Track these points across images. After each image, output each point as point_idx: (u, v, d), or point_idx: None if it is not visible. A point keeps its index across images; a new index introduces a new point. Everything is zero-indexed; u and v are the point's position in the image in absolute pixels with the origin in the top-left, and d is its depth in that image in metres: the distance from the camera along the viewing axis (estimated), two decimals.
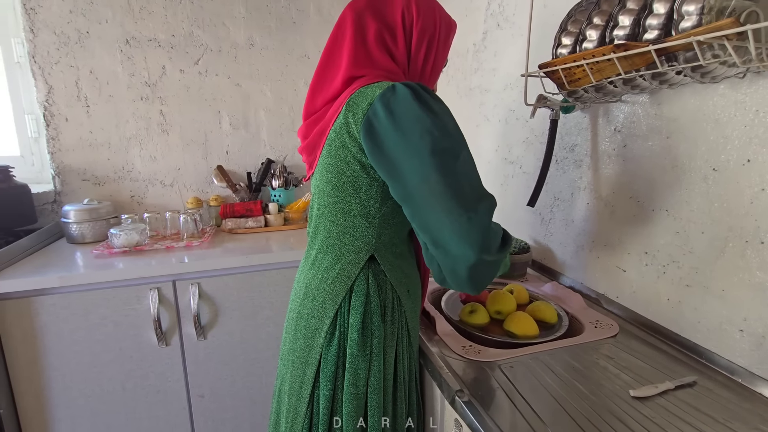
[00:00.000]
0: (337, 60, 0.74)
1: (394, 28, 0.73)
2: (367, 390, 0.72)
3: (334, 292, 0.73)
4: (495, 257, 0.63)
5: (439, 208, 0.61)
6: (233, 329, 1.31)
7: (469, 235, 0.60)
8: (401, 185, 0.64)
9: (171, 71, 1.61)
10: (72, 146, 1.54)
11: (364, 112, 0.64)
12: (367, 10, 0.73)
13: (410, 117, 0.62)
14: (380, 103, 0.63)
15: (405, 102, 0.63)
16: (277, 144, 1.79)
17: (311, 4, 1.74)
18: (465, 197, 0.61)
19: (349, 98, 0.68)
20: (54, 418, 1.19)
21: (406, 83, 0.65)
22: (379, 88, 0.65)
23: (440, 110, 0.64)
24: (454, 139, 0.63)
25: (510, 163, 1.33)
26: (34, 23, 1.44)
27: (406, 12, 0.72)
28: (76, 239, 1.42)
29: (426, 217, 0.63)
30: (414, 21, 0.72)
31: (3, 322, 1.11)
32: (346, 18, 0.74)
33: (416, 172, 0.61)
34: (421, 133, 0.61)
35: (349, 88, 0.71)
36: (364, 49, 0.72)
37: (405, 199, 0.65)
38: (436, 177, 0.60)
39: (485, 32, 1.42)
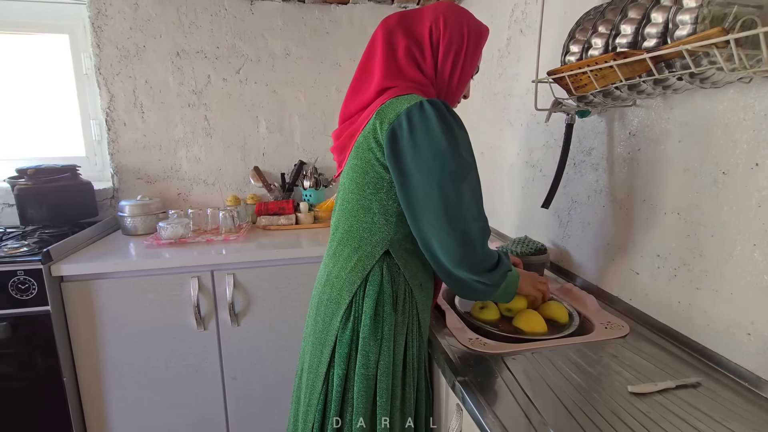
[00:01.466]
0: (370, 72, 0.82)
1: (422, 43, 0.80)
2: (377, 372, 0.78)
3: (351, 281, 0.80)
4: (478, 278, 0.75)
5: (434, 221, 0.71)
6: (264, 317, 1.42)
7: (453, 251, 0.72)
8: (406, 194, 0.73)
9: (215, 80, 1.75)
10: (128, 148, 1.72)
11: (391, 121, 0.73)
12: (398, 27, 0.81)
13: (429, 136, 0.70)
14: (405, 117, 0.71)
15: (428, 121, 0.71)
16: (309, 147, 1.89)
17: (344, 15, 1.83)
18: (459, 218, 0.71)
19: (380, 107, 0.75)
20: (107, 389, 1.34)
21: (433, 102, 0.72)
22: (407, 101, 0.73)
23: (459, 134, 0.72)
24: (464, 164, 0.71)
25: (531, 167, 1.35)
26: (100, 39, 1.63)
27: (434, 27, 0.79)
28: (130, 231, 1.58)
29: (421, 226, 0.74)
30: (441, 36, 0.79)
31: (68, 301, 1.27)
32: (378, 35, 0.82)
33: (421, 186, 0.71)
34: (434, 153, 0.70)
35: (381, 98, 0.78)
36: (394, 64, 0.79)
37: (407, 207, 0.75)
38: (437, 195, 0.70)
39: (509, 38, 1.45)
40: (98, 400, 1.34)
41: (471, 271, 0.74)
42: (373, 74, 0.81)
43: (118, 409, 1.36)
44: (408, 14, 0.82)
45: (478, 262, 0.75)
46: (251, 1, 1.74)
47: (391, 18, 0.82)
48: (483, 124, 1.67)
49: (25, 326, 1.22)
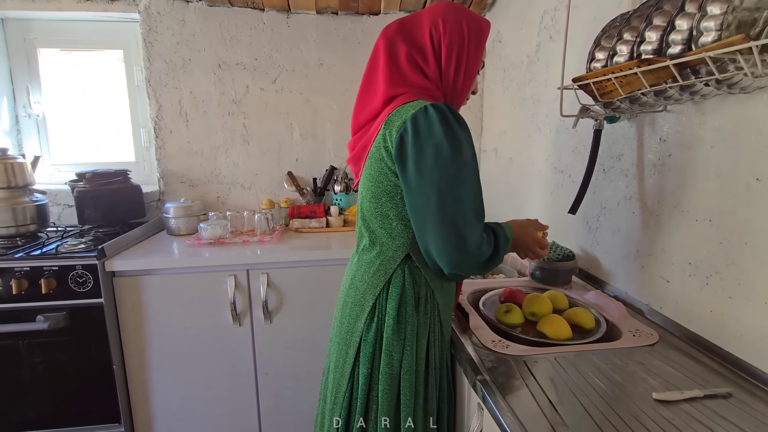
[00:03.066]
0: (375, 83, 0.84)
1: (423, 48, 0.81)
2: (401, 371, 0.81)
3: (374, 284, 0.83)
4: (477, 271, 0.78)
5: (432, 223, 0.73)
6: (295, 316, 1.48)
7: (449, 256, 0.72)
8: (409, 199, 0.76)
9: (253, 89, 1.85)
10: (174, 154, 1.84)
11: (398, 129, 0.75)
12: (398, 34, 0.82)
13: (432, 140, 0.72)
14: (411, 123, 0.74)
15: (431, 126, 0.72)
16: (340, 152, 1.96)
17: (375, 26, 1.89)
18: (455, 223, 0.72)
19: (387, 117, 0.78)
20: (151, 378, 1.44)
21: (437, 106, 0.74)
22: (412, 108, 0.75)
23: (461, 135, 0.73)
24: (465, 168, 0.72)
25: (560, 173, 1.34)
26: (151, 53, 1.77)
27: (434, 30, 0.80)
28: (174, 231, 1.69)
29: (421, 227, 0.75)
30: (441, 38, 0.80)
31: (119, 294, 1.38)
32: (379, 44, 0.84)
33: (422, 191, 0.73)
34: (436, 158, 0.71)
35: (389, 107, 0.81)
36: (397, 72, 0.81)
37: (411, 211, 0.77)
38: (435, 200, 0.72)
39: (538, 44, 1.45)
40: (143, 388, 1.44)
41: (467, 273, 0.77)
42: (378, 84, 0.83)
43: (160, 397, 1.45)
44: (407, 20, 0.84)
45: (474, 266, 0.75)
46: (288, 15, 1.83)
47: (391, 26, 0.83)
48: (512, 129, 1.67)
49: (81, 316, 1.33)
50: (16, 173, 1.49)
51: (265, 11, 1.82)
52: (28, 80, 1.82)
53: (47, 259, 1.31)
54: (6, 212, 1.46)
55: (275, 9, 1.82)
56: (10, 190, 1.48)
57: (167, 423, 1.47)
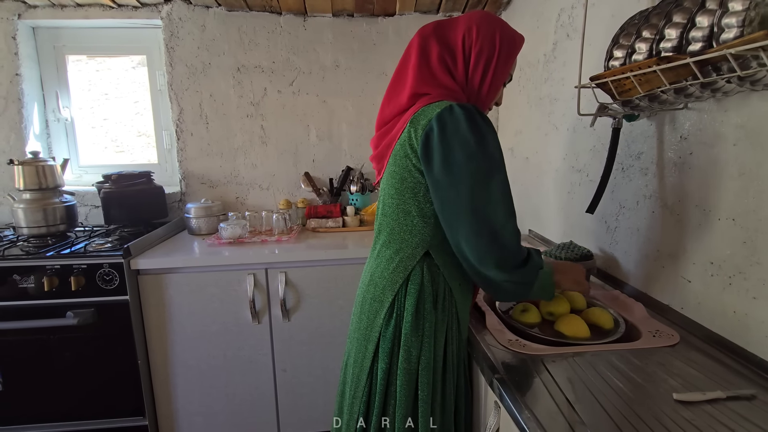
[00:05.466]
0: (404, 79, 0.87)
1: (454, 51, 0.83)
2: (419, 367, 0.82)
3: (393, 280, 0.85)
4: (507, 277, 0.76)
5: (464, 221, 0.74)
6: (312, 314, 1.50)
7: (481, 250, 0.74)
8: (438, 195, 0.77)
9: (271, 92, 1.89)
10: (194, 156, 1.89)
11: (424, 128, 0.77)
12: (433, 35, 0.85)
13: (458, 138, 0.74)
14: (437, 122, 0.75)
15: (457, 123, 0.74)
16: (356, 153, 1.98)
17: (390, 27, 1.90)
18: (488, 217, 0.73)
19: (413, 116, 0.80)
20: (174, 373, 1.48)
21: (462, 105, 0.75)
22: (438, 107, 0.77)
23: (488, 135, 0.75)
24: (493, 164, 0.74)
25: (577, 171, 1.33)
26: (173, 58, 1.82)
27: (467, 35, 0.82)
28: (195, 231, 1.74)
29: (452, 226, 0.77)
30: (473, 44, 0.82)
31: (143, 292, 1.43)
32: (414, 42, 0.87)
33: (451, 187, 0.74)
34: (464, 154, 0.73)
35: (414, 106, 0.83)
36: (427, 70, 0.84)
37: (440, 209, 0.78)
38: (467, 195, 0.73)
39: (555, 43, 1.44)
40: (166, 383, 1.48)
41: (499, 269, 0.75)
42: (407, 80, 0.85)
43: (182, 392, 1.50)
44: (443, 23, 0.86)
45: (506, 260, 0.75)
46: (304, 18, 1.86)
47: (427, 27, 0.86)
48: (528, 128, 1.67)
49: (107, 313, 1.39)
50: (47, 175, 1.55)
51: (283, 15, 1.85)
52: (57, 86, 1.89)
53: (76, 257, 1.36)
54: (37, 212, 1.52)
55: (292, 12, 1.85)
56: (41, 192, 1.54)
57: (189, 417, 1.52)
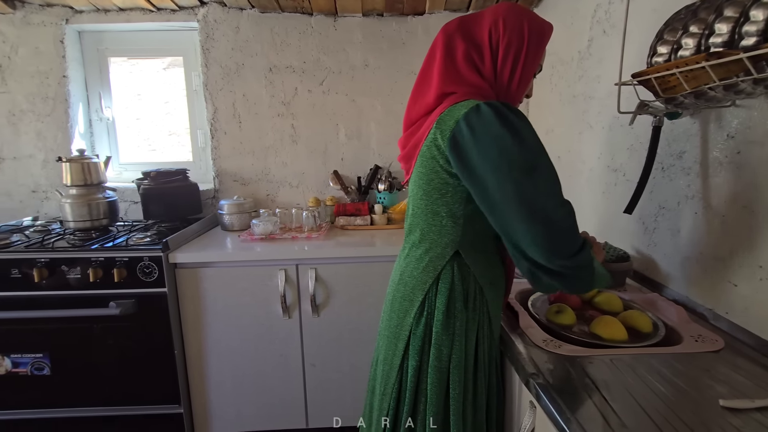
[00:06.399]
0: (430, 78, 0.86)
1: (481, 46, 0.81)
2: (450, 365, 0.83)
3: (423, 280, 0.85)
4: (571, 262, 0.71)
5: (517, 217, 0.71)
6: (341, 310, 1.52)
7: (542, 242, 0.70)
8: (484, 196, 0.75)
9: (301, 91, 1.92)
10: (227, 154, 1.95)
11: (451, 129, 0.76)
12: (457, 31, 0.83)
13: (490, 135, 0.72)
14: (464, 122, 0.74)
15: (487, 121, 0.72)
16: (384, 152, 1.99)
17: (419, 26, 1.91)
18: (540, 207, 0.70)
19: (438, 117, 0.79)
20: (208, 364, 1.53)
21: (489, 103, 0.74)
22: (464, 107, 0.76)
23: (521, 126, 0.72)
24: (532, 153, 0.71)
25: (613, 171, 1.30)
26: (208, 59, 1.88)
27: (493, 29, 0.80)
28: (228, 227, 1.79)
29: (506, 224, 0.74)
30: (500, 37, 0.79)
31: (180, 285, 1.48)
32: (438, 40, 0.85)
33: (495, 185, 0.72)
34: (500, 150, 0.71)
35: (441, 106, 0.82)
36: (453, 68, 0.82)
37: (488, 209, 0.76)
38: (513, 190, 0.70)
39: (590, 39, 1.41)
40: (200, 373, 1.54)
41: (565, 258, 0.70)
42: (432, 79, 0.83)
43: (215, 382, 1.55)
44: (467, 18, 0.84)
45: (570, 246, 0.71)
46: (335, 18, 1.89)
47: (451, 23, 0.84)
48: (561, 127, 1.64)
49: (147, 304, 1.45)
50: (92, 172, 1.63)
51: (314, 15, 1.88)
52: (100, 87, 1.98)
53: (119, 250, 1.43)
54: (83, 207, 1.61)
55: (323, 13, 1.88)
56: (87, 188, 1.62)
57: (221, 407, 1.56)
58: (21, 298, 1.42)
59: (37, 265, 1.40)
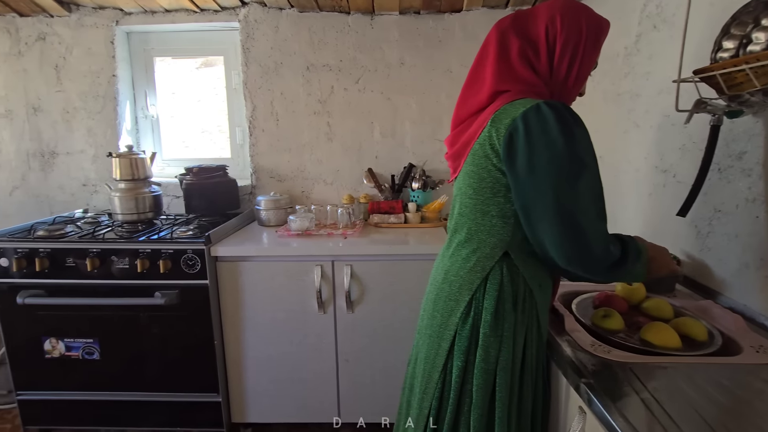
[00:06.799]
0: (482, 76, 0.86)
1: (536, 43, 0.81)
2: (497, 367, 0.82)
3: (470, 280, 0.84)
4: (597, 276, 0.76)
5: (547, 221, 0.73)
6: (375, 307, 1.53)
7: (566, 250, 0.72)
8: (521, 197, 0.75)
9: (337, 90, 1.94)
10: (265, 151, 1.99)
11: (507, 127, 0.75)
12: (511, 28, 0.82)
13: (545, 138, 0.71)
14: (522, 121, 0.73)
15: (545, 123, 0.72)
16: (418, 150, 1.98)
17: (456, 23, 1.89)
18: (575, 219, 0.71)
19: (494, 114, 0.79)
20: (245, 356, 1.58)
21: (550, 103, 0.73)
22: (522, 105, 0.75)
23: (577, 132, 0.72)
24: (582, 163, 0.71)
25: (662, 172, 1.25)
26: (248, 58, 1.92)
27: (550, 26, 0.79)
28: (264, 222, 1.83)
29: (534, 226, 0.75)
30: (557, 34, 0.78)
31: (221, 278, 1.53)
32: (491, 37, 0.85)
33: (536, 188, 0.72)
34: (551, 156, 0.71)
35: (494, 104, 0.81)
36: (506, 65, 0.82)
37: (521, 208, 0.77)
38: (552, 196, 0.71)
39: (639, 35, 1.36)
40: (238, 363, 1.58)
41: (584, 271, 0.74)
42: (485, 77, 0.83)
43: (252, 373, 1.59)
44: (522, 15, 0.83)
45: (593, 263, 0.73)
46: (371, 17, 1.89)
47: (505, 20, 0.83)
48: (604, 126, 1.58)
49: (189, 295, 1.50)
50: (139, 167, 1.70)
51: (351, 14, 1.89)
52: (145, 86, 2.07)
53: (164, 243, 1.48)
54: (130, 201, 1.68)
55: (360, 12, 1.89)
56: (134, 182, 1.70)
57: (257, 397, 1.61)
58: (75, 286, 1.50)
59: (90, 255, 1.47)
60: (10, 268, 1.48)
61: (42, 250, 1.48)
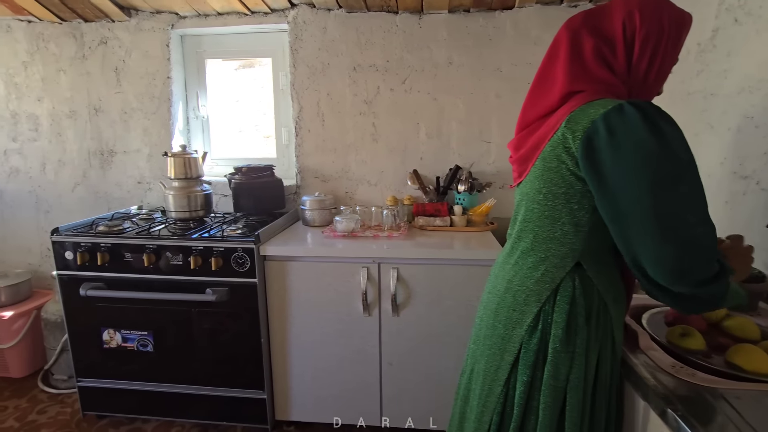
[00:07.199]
0: (553, 77, 0.81)
1: (613, 41, 0.75)
2: (567, 385, 0.77)
3: (537, 291, 0.80)
4: (699, 290, 0.66)
5: (646, 232, 0.65)
6: (421, 312, 1.51)
7: (670, 265, 0.64)
8: (612, 205, 0.69)
9: (383, 90, 1.92)
10: (310, 151, 2.00)
11: (584, 129, 0.70)
12: (583, 27, 0.77)
13: (633, 139, 0.65)
14: (603, 123, 0.68)
15: (630, 123, 0.66)
16: (464, 152, 1.94)
17: (508, 21, 1.83)
18: (678, 224, 0.63)
19: (569, 115, 0.74)
20: (290, 353, 1.59)
21: (635, 103, 0.67)
22: (602, 106, 0.70)
23: (669, 132, 0.65)
24: (680, 164, 0.64)
25: (742, 178, 1.15)
26: (296, 60, 1.94)
27: (628, 22, 0.74)
28: (309, 222, 1.84)
29: (630, 238, 0.68)
30: (637, 30, 0.73)
31: (268, 277, 1.55)
32: (561, 37, 0.80)
33: (630, 195, 0.66)
34: (642, 158, 0.64)
35: (568, 104, 0.77)
36: (580, 65, 0.77)
37: (613, 219, 0.70)
38: (650, 202, 0.64)
39: (715, 30, 1.26)
40: (283, 362, 1.60)
41: (692, 285, 0.65)
42: (556, 79, 0.79)
43: (297, 372, 1.60)
44: (594, 12, 0.78)
45: (701, 272, 0.65)
46: (420, 16, 1.86)
47: (575, 18, 0.79)
48: None
49: (238, 293, 1.53)
50: (192, 166, 1.75)
51: (399, 14, 1.87)
52: (197, 87, 2.13)
53: (216, 240, 1.52)
54: (183, 199, 1.73)
55: (408, 11, 1.86)
56: (187, 181, 1.75)
57: (300, 396, 1.62)
58: (132, 280, 1.56)
59: (146, 251, 1.53)
60: (74, 262, 1.56)
61: (103, 245, 1.55)
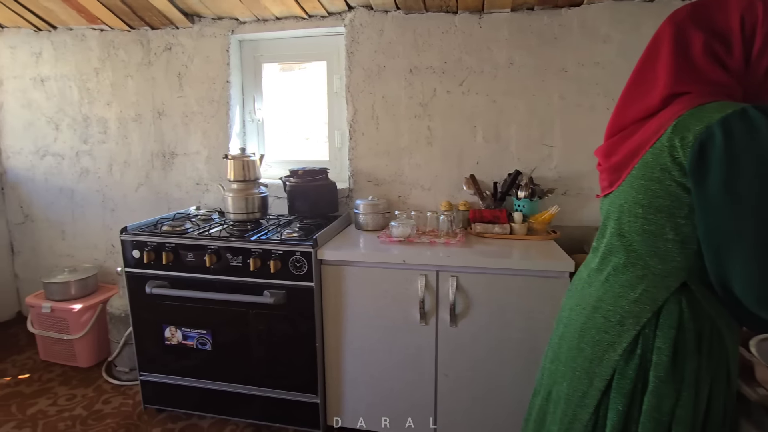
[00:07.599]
0: (653, 77, 0.75)
1: (728, 36, 0.69)
2: (672, 420, 0.70)
3: (635, 312, 0.73)
4: None
5: (741, 250, 0.61)
6: (481, 323, 1.45)
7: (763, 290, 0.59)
8: (709, 222, 0.64)
9: (440, 92, 1.88)
10: (363, 155, 1.99)
11: (697, 135, 0.63)
12: (690, 20, 0.71)
13: (754, 152, 0.59)
14: (720, 129, 0.61)
15: (754, 132, 0.59)
16: (524, 156, 1.86)
17: (575, 18, 1.73)
18: None
19: (676, 119, 0.67)
20: (344, 359, 1.58)
21: (762, 108, 0.60)
22: (718, 110, 0.63)
23: None
24: None
25: None
26: (352, 63, 1.93)
27: (747, 14, 0.67)
28: (362, 226, 1.83)
29: (721, 253, 0.63)
30: (758, 23, 0.66)
31: (324, 281, 1.54)
32: (663, 32, 0.74)
33: (732, 209, 0.61)
34: (760, 173, 0.59)
35: (672, 108, 0.70)
36: (687, 64, 0.70)
37: (707, 238, 0.65)
38: (756, 222, 0.59)
39: None
40: (337, 367, 1.59)
41: None
42: (657, 79, 0.73)
43: (350, 378, 1.58)
44: (703, 5, 0.71)
45: None
46: (480, 15, 1.81)
47: (680, 12, 0.73)
48: None
49: (295, 296, 1.53)
50: (249, 169, 1.78)
51: (458, 14, 1.82)
52: (254, 91, 2.17)
53: (274, 243, 1.53)
54: (241, 201, 1.76)
55: (468, 11, 1.81)
56: (245, 183, 1.78)
57: (353, 402, 1.60)
58: (193, 280, 1.60)
59: (208, 252, 1.56)
60: (141, 260, 1.62)
61: (167, 245, 1.60)
